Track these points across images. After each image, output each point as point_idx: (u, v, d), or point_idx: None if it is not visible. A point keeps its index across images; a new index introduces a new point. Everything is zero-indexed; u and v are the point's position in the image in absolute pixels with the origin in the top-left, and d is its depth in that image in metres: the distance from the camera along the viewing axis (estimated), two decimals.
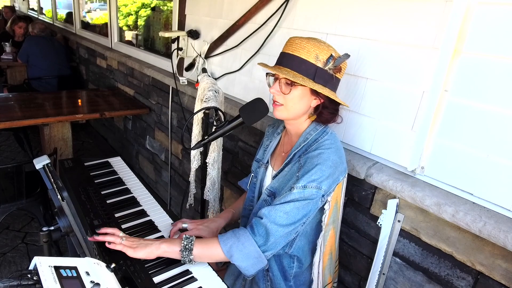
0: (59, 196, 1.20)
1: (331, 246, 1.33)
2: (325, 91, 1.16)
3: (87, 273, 0.87)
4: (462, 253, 1.24)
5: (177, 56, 2.59)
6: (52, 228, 1.21)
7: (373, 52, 1.43)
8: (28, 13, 7.88)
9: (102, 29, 4.44)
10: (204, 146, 1.89)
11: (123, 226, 1.31)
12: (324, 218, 1.23)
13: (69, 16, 5.45)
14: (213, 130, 1.35)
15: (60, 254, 2.20)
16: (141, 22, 3.98)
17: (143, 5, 3.98)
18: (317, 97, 1.21)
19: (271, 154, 1.41)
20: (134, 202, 1.49)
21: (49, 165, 1.32)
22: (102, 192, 1.50)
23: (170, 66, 2.71)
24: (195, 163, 2.04)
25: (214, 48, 2.30)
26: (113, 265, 0.98)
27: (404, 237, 1.40)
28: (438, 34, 1.23)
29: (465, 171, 1.21)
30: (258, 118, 1.33)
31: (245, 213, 1.46)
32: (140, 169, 3.65)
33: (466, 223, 1.15)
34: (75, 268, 0.87)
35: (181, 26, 2.62)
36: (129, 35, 4.11)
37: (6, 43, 4.78)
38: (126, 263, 1.10)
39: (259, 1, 1.89)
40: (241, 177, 1.59)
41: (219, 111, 1.43)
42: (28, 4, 8.39)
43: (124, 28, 4.10)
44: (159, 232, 1.33)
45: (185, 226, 1.33)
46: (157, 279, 1.10)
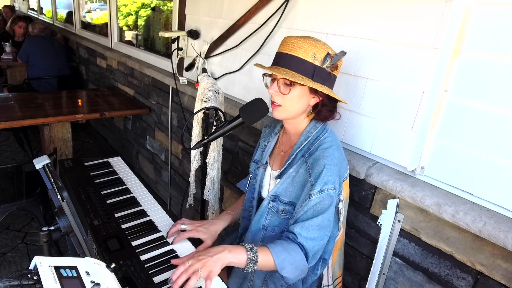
0: (59, 196, 1.20)
1: (341, 242, 1.37)
2: (325, 89, 1.17)
3: (87, 273, 0.87)
4: (462, 253, 1.24)
5: (177, 56, 2.59)
6: (52, 228, 1.20)
7: (373, 52, 1.43)
8: (28, 13, 7.88)
9: (102, 29, 4.43)
10: (204, 146, 1.89)
11: (123, 226, 1.31)
12: (341, 217, 1.26)
13: (69, 16, 5.45)
14: (213, 130, 1.35)
15: (60, 254, 2.20)
16: (141, 22, 3.98)
17: (143, 5, 3.98)
18: (316, 96, 1.21)
19: (269, 155, 1.41)
20: (134, 202, 1.49)
21: (49, 165, 1.32)
22: (102, 192, 1.50)
23: (170, 66, 2.71)
24: (195, 163, 2.04)
25: (214, 48, 2.30)
26: (113, 265, 0.98)
27: (404, 237, 1.40)
28: (438, 34, 1.23)
29: (465, 171, 1.21)
30: (258, 118, 1.33)
31: (245, 215, 1.45)
32: (140, 169, 3.65)
33: (466, 223, 1.15)
34: (75, 268, 0.87)
35: (181, 26, 2.62)
36: (129, 35, 4.11)
37: (6, 43, 4.78)
38: (126, 263, 1.10)
39: (259, 1, 1.89)
40: (241, 177, 1.59)
41: (219, 111, 1.43)
42: (28, 4, 8.39)
43: (124, 28, 4.10)
44: (159, 232, 1.33)
45: (184, 228, 1.32)
46: (157, 279, 1.10)
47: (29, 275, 0.80)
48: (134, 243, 1.24)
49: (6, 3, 8.58)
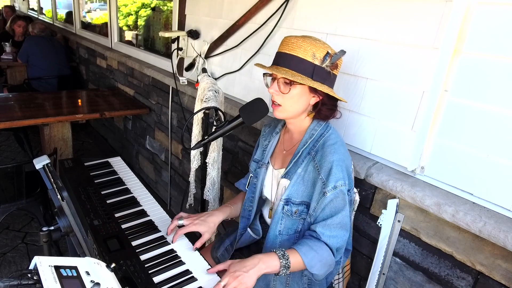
0: (59, 196, 1.20)
1: (351, 231, 1.39)
2: (324, 88, 1.18)
3: (87, 273, 0.87)
4: (462, 253, 1.24)
5: (177, 56, 2.59)
6: (52, 228, 1.20)
7: (373, 52, 1.43)
8: (28, 13, 7.88)
9: (102, 29, 4.43)
10: (204, 146, 1.89)
11: (123, 226, 1.31)
12: (352, 209, 1.32)
13: (69, 16, 5.44)
14: (213, 130, 1.35)
15: (60, 254, 2.20)
16: (141, 22, 3.98)
17: (143, 5, 3.98)
18: (316, 95, 1.22)
19: (271, 154, 1.41)
20: (134, 202, 1.49)
21: (49, 165, 1.32)
22: (102, 192, 1.50)
23: (170, 66, 2.71)
24: (195, 163, 2.04)
25: (214, 48, 2.30)
26: (113, 265, 0.98)
27: (404, 237, 1.40)
28: (438, 34, 1.23)
29: (465, 171, 1.21)
30: (258, 118, 1.33)
31: (245, 214, 1.45)
32: (140, 169, 3.65)
33: (466, 223, 1.15)
34: (75, 268, 0.87)
35: (181, 26, 2.62)
36: (129, 35, 4.11)
37: (6, 43, 4.78)
38: (126, 263, 1.10)
39: (259, 1, 1.89)
40: (241, 177, 1.59)
41: (219, 111, 1.43)
42: (28, 4, 8.39)
43: (124, 28, 4.10)
44: (159, 232, 1.33)
45: (181, 223, 1.32)
46: (157, 279, 1.10)
47: (29, 275, 0.80)
48: (134, 243, 1.24)
49: (6, 3, 8.58)
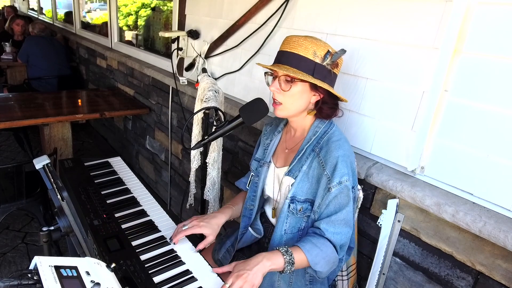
0: (59, 196, 1.20)
1: (355, 229, 1.39)
2: (325, 86, 1.18)
3: (87, 273, 0.87)
4: (462, 253, 1.24)
5: (177, 56, 2.59)
6: (52, 228, 1.20)
7: (373, 52, 1.43)
8: (28, 13, 7.88)
9: (102, 29, 4.43)
10: (204, 146, 1.89)
11: (123, 226, 1.31)
12: (356, 206, 1.32)
13: (69, 16, 5.44)
14: (213, 130, 1.35)
15: (60, 254, 2.20)
16: (141, 22, 3.98)
17: (143, 5, 3.98)
18: (317, 93, 1.22)
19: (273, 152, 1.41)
20: (134, 202, 1.49)
21: (49, 165, 1.32)
22: (102, 192, 1.50)
23: (170, 66, 2.71)
24: (195, 163, 2.04)
25: (214, 48, 2.30)
26: (113, 265, 0.98)
27: (404, 237, 1.40)
28: (438, 34, 1.23)
29: (465, 171, 1.21)
30: (258, 118, 1.33)
31: (246, 213, 1.45)
32: (140, 169, 3.65)
33: (466, 223, 1.15)
34: (76, 268, 0.87)
35: (181, 26, 2.62)
36: (129, 35, 4.11)
37: (6, 43, 4.78)
38: (126, 263, 1.10)
39: (259, 1, 1.89)
40: (241, 177, 1.59)
41: (219, 111, 1.43)
42: (28, 4, 8.39)
43: (124, 28, 4.10)
44: (159, 232, 1.33)
45: (186, 228, 1.31)
46: (157, 279, 1.10)
47: (29, 275, 0.80)
48: (134, 243, 1.24)
49: (6, 3, 8.58)
